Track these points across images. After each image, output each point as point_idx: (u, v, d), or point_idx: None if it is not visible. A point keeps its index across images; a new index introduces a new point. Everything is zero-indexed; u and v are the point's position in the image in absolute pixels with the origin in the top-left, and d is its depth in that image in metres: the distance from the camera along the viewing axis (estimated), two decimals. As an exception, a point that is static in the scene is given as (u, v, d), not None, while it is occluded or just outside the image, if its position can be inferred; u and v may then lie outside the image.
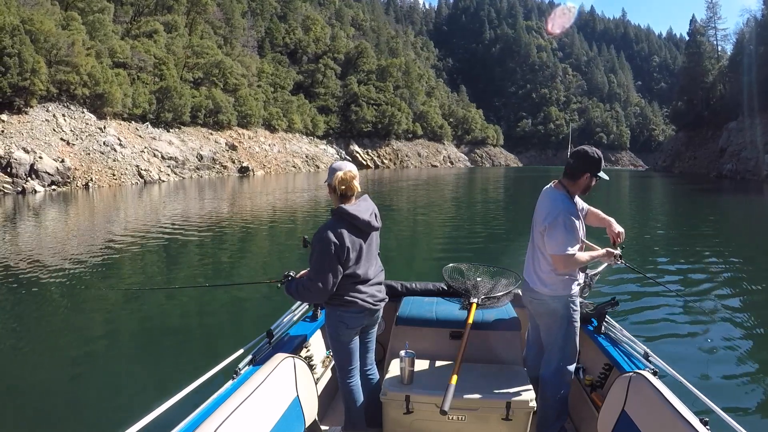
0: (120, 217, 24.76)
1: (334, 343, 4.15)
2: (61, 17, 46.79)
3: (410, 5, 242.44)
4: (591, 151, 4.10)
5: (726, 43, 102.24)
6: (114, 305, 10.14)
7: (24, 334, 8.57)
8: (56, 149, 38.01)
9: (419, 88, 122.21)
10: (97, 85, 44.09)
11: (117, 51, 51.76)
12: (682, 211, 32.80)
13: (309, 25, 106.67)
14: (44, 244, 17.15)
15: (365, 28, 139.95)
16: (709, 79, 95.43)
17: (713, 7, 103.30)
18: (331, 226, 3.85)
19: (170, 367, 7.24)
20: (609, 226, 4.39)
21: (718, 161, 75.78)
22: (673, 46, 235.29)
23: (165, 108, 54.05)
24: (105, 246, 16.15)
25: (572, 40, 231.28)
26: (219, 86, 65.91)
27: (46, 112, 40.63)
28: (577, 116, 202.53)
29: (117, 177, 40.91)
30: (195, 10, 74.94)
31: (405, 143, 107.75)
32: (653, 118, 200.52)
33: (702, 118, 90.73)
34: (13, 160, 33.34)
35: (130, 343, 8.22)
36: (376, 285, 4.19)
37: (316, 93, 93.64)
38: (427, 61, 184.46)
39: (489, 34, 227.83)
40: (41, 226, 21.12)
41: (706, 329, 8.99)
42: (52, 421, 5.86)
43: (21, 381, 6.76)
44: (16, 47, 37.35)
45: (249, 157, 63.35)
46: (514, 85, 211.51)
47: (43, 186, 33.99)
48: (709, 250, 17.22)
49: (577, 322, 4.29)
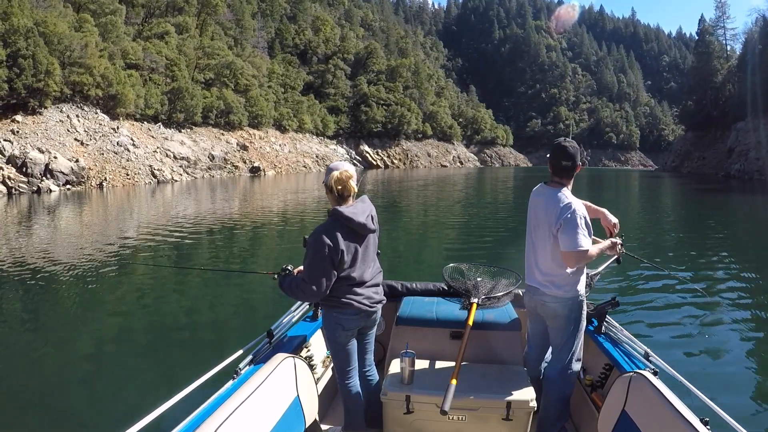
0: (133, 215, 25.11)
1: (332, 345, 4.16)
2: (73, 19, 47.21)
3: (419, 5, 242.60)
4: (575, 145, 4.19)
5: (735, 43, 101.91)
6: (115, 305, 10.21)
7: (25, 332, 8.73)
8: (70, 149, 38.48)
9: (429, 89, 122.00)
10: (110, 86, 44.51)
11: (129, 52, 52.14)
12: (684, 211, 32.87)
13: (319, 26, 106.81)
14: (58, 242, 17.43)
15: (375, 28, 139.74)
16: (718, 79, 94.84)
17: (722, 7, 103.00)
18: (326, 229, 3.85)
19: (171, 367, 7.28)
20: (603, 216, 4.47)
21: (726, 161, 75.43)
22: (683, 46, 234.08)
23: (177, 108, 54.42)
24: (117, 243, 16.44)
25: (581, 40, 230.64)
26: (230, 87, 66.14)
27: (60, 113, 41.10)
28: (587, 116, 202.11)
29: (131, 177, 41.36)
30: (205, 12, 75.19)
31: (415, 143, 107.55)
32: (663, 117, 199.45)
33: (711, 118, 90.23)
34: (28, 159, 33.83)
35: (130, 343, 8.23)
36: (373, 287, 4.17)
37: (326, 93, 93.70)
38: (436, 61, 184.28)
39: (498, 33, 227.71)
40: (56, 224, 21.44)
41: (706, 329, 9.00)
42: (52, 421, 5.90)
43: (21, 379, 6.81)
44: (31, 49, 37.80)
45: (260, 157, 63.58)
46: (524, 85, 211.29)
47: (58, 185, 34.48)
48: (711, 250, 17.21)
49: (585, 321, 4.33)
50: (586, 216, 4.06)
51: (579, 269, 4.13)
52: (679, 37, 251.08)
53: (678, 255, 16.52)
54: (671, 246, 18.38)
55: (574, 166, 4.15)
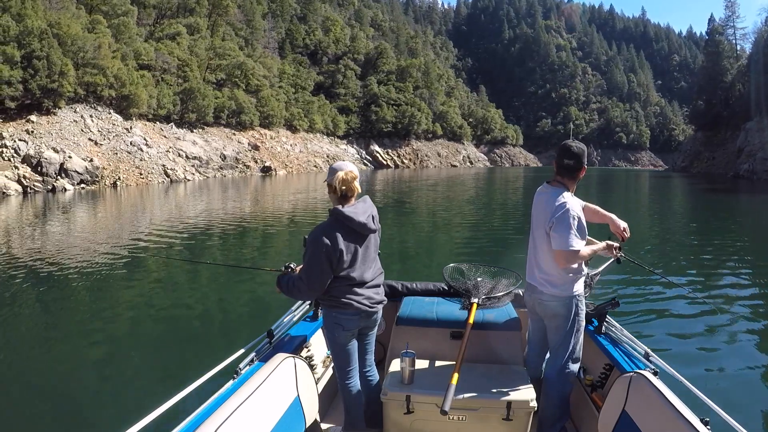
0: (145, 213, 25.50)
1: (332, 345, 4.15)
2: (86, 20, 47.70)
3: (429, 5, 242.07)
4: (582, 146, 4.18)
5: (745, 42, 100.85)
6: (116, 305, 10.26)
7: (25, 331, 8.77)
8: (84, 149, 38.99)
9: (439, 88, 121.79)
10: (122, 86, 45.02)
11: (141, 53, 52.63)
12: (687, 211, 32.77)
13: (329, 26, 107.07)
14: (71, 239, 17.69)
15: (384, 28, 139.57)
16: (728, 79, 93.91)
17: (732, 6, 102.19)
18: (326, 228, 3.85)
19: (171, 367, 7.28)
20: (612, 222, 4.42)
21: (735, 161, 74.92)
22: (693, 45, 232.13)
23: (189, 109, 54.86)
24: (128, 240, 16.64)
25: (591, 39, 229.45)
26: (241, 87, 66.54)
27: (74, 113, 41.64)
28: (597, 116, 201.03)
29: (144, 176, 41.88)
30: (216, 12, 75.55)
31: (425, 143, 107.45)
32: (673, 117, 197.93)
33: (721, 118, 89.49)
34: (43, 159, 34.31)
35: (130, 343, 8.25)
36: (374, 287, 4.15)
37: (336, 93, 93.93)
38: (446, 61, 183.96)
39: (508, 33, 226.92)
40: (70, 222, 21.81)
41: (707, 329, 9.00)
42: (52, 420, 5.91)
43: (22, 378, 6.85)
44: (45, 50, 38.31)
45: (271, 157, 63.93)
46: (534, 85, 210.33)
47: (73, 184, 34.99)
48: (711, 250, 17.22)
49: (584, 321, 4.31)
50: (581, 217, 4.07)
51: (576, 269, 4.14)
52: (689, 36, 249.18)
53: (678, 255, 16.48)
54: (672, 246, 18.36)
55: (577, 166, 4.14)
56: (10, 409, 6.05)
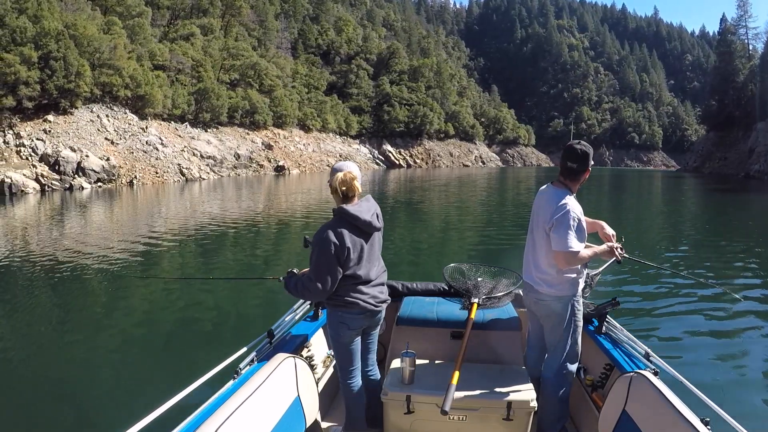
0: (161, 212, 25.75)
1: (336, 344, 4.15)
2: (102, 22, 48.33)
3: (441, 5, 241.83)
4: (587, 148, 4.16)
5: (757, 42, 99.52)
6: (117, 304, 10.27)
7: (26, 328, 8.86)
8: (101, 148, 39.56)
9: (451, 88, 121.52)
10: (138, 86, 45.62)
11: (156, 54, 53.21)
12: (691, 210, 32.64)
13: (341, 26, 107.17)
14: (87, 237, 18.01)
15: (397, 28, 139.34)
16: (740, 79, 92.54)
17: (744, 5, 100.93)
18: (332, 227, 3.86)
19: (171, 367, 7.28)
20: (601, 229, 4.42)
21: (747, 162, 74.20)
22: (705, 45, 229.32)
23: (203, 109, 55.38)
24: (141, 240, 16.82)
25: (604, 39, 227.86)
26: (255, 87, 67.00)
27: (91, 113, 42.28)
28: (609, 116, 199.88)
29: (160, 175, 42.41)
30: (230, 13, 76.02)
31: (437, 143, 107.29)
32: (686, 117, 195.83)
33: (733, 118, 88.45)
34: (60, 158, 34.91)
35: (131, 343, 8.28)
36: (378, 286, 4.16)
37: (349, 93, 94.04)
38: (458, 61, 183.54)
39: (520, 33, 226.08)
40: (88, 220, 22.18)
41: (707, 329, 8.96)
42: (52, 419, 5.92)
43: (23, 375, 6.93)
44: (62, 51, 38.96)
45: (284, 156, 64.29)
46: (546, 85, 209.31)
47: (90, 183, 35.56)
48: (712, 250, 17.15)
49: (581, 322, 4.31)
50: (581, 218, 4.08)
51: (574, 269, 4.13)
52: (702, 35, 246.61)
53: (679, 255, 16.45)
54: (673, 246, 18.31)
55: (581, 169, 4.13)
56: (10, 409, 6.09)
